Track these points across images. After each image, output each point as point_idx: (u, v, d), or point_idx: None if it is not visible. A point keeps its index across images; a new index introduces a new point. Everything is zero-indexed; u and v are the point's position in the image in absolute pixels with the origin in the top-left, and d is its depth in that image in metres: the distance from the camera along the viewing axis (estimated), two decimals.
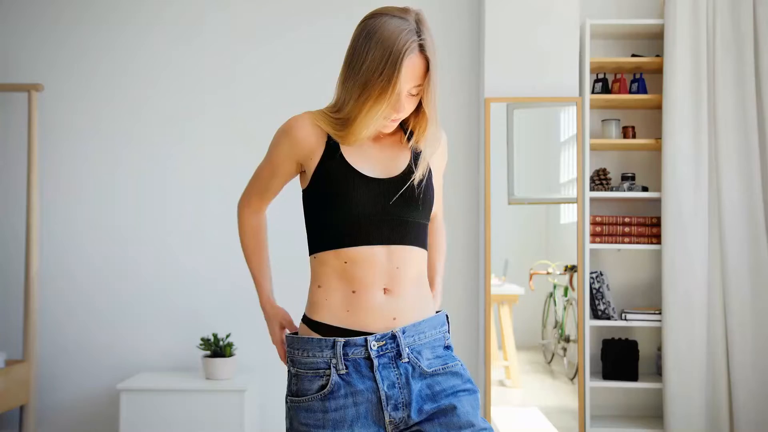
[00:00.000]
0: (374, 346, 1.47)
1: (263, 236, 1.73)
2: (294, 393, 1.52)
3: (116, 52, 3.79)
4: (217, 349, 3.47)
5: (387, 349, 1.48)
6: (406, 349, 1.49)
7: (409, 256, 1.52)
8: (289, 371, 1.54)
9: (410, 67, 1.43)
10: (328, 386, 1.47)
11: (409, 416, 1.48)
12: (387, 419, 1.48)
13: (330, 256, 1.51)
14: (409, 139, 1.59)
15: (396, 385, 1.48)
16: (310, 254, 1.57)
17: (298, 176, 1.63)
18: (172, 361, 3.71)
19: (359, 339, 1.47)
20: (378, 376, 1.47)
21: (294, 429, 1.52)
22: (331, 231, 1.50)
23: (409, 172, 1.54)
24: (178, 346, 3.71)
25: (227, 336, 3.50)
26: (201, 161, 3.73)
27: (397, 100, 1.46)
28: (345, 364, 1.47)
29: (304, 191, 1.57)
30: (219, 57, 3.77)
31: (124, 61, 3.78)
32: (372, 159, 1.54)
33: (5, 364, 3.44)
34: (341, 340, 1.47)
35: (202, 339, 3.47)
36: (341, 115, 1.49)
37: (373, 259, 1.48)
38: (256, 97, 3.73)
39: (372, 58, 1.42)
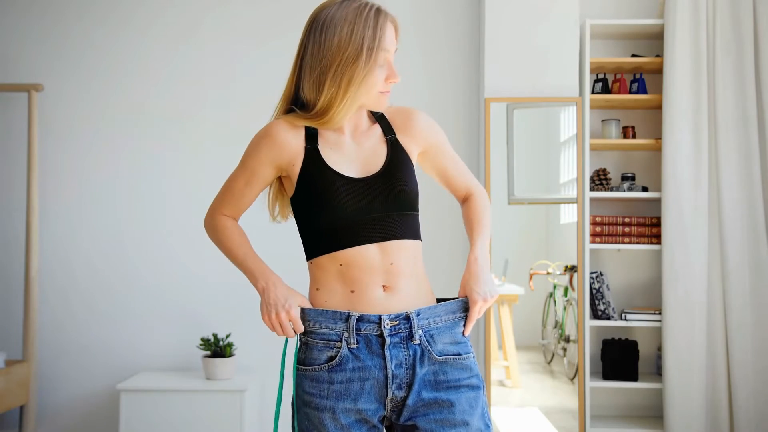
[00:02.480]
0: (387, 324, 1.48)
1: (245, 236, 1.63)
2: (301, 361, 1.53)
3: (116, 52, 3.79)
4: (217, 349, 3.47)
5: (400, 329, 1.49)
6: (419, 330, 1.50)
7: (402, 249, 1.53)
8: (299, 339, 1.55)
9: (382, 34, 1.49)
10: (337, 358, 1.49)
11: (407, 397, 1.49)
12: (389, 396, 1.49)
13: (325, 260, 1.52)
14: (385, 132, 1.60)
15: (403, 365, 1.49)
16: (307, 260, 1.58)
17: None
18: (172, 361, 3.71)
19: (373, 316, 1.48)
20: (388, 355, 1.48)
21: (299, 397, 1.53)
22: (323, 235, 1.52)
23: (388, 166, 1.55)
24: (178, 346, 3.71)
25: (227, 336, 3.50)
26: (201, 161, 3.73)
27: (376, 72, 1.49)
28: (357, 339, 1.48)
29: (291, 199, 1.58)
30: (219, 57, 3.77)
31: (124, 61, 3.78)
32: (351, 159, 1.55)
33: (5, 364, 3.44)
34: (355, 314, 1.48)
35: (202, 339, 3.47)
36: (319, 106, 1.50)
37: (367, 258, 1.50)
38: (256, 97, 3.73)
39: (338, 42, 1.47)
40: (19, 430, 3.57)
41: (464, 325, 1.56)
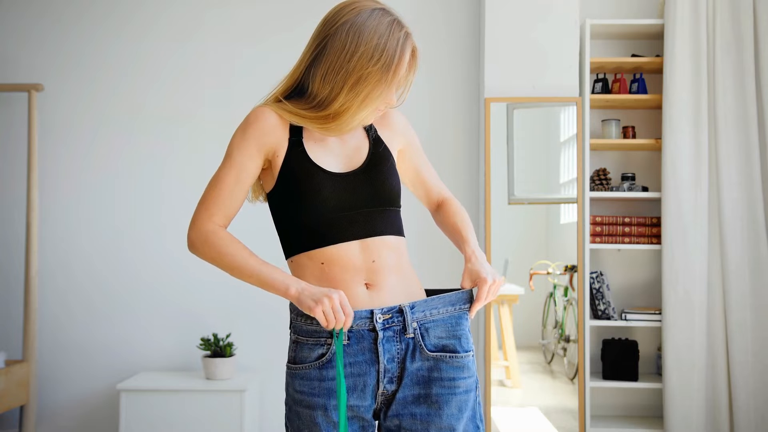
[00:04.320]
0: (380, 318, 1.46)
1: (245, 245, 1.50)
2: (292, 360, 1.51)
3: (116, 52, 3.79)
4: (217, 349, 3.47)
5: (393, 322, 1.47)
6: (414, 324, 1.48)
7: (384, 245, 1.51)
8: (290, 338, 1.54)
9: (406, 58, 1.48)
10: (327, 355, 1.46)
11: (397, 390, 1.48)
12: (380, 390, 1.48)
13: (305, 259, 1.50)
14: (367, 129, 1.60)
15: (395, 359, 1.48)
16: (285, 258, 1.55)
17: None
18: (172, 361, 3.71)
19: (365, 311, 1.46)
20: (380, 349, 1.46)
21: (290, 396, 1.51)
22: (303, 232, 1.49)
23: (370, 161, 1.54)
24: (178, 346, 3.71)
25: (227, 336, 3.50)
26: (201, 161, 3.73)
27: (391, 92, 1.48)
28: (348, 335, 1.46)
29: (269, 194, 1.54)
30: (218, 56, 3.78)
31: (124, 61, 3.78)
32: (334, 153, 1.54)
33: (5, 364, 3.44)
34: None
35: (202, 339, 3.47)
36: (329, 111, 1.48)
37: (348, 256, 1.48)
38: (255, 97, 3.72)
39: (364, 51, 1.44)
40: (19, 430, 3.57)
41: (470, 309, 1.53)
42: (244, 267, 1.45)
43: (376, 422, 1.54)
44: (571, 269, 3.50)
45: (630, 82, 3.62)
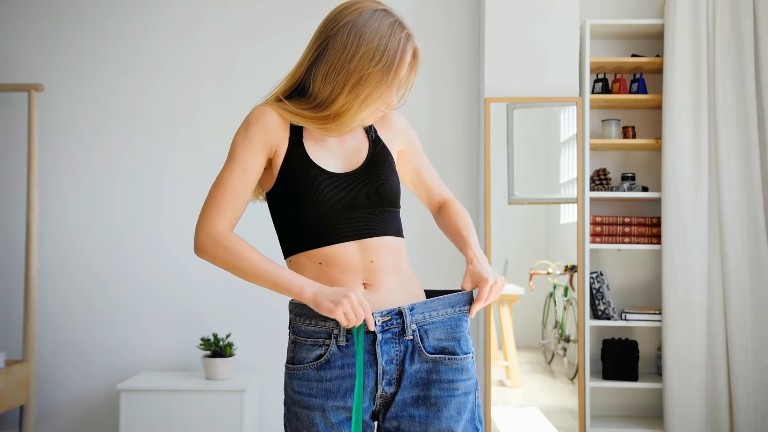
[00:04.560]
0: (379, 321, 1.46)
1: (252, 246, 1.48)
2: (290, 360, 1.51)
3: (116, 52, 3.79)
4: (217, 349, 3.47)
5: (392, 324, 1.47)
6: (413, 326, 1.48)
7: (382, 246, 1.50)
8: (289, 338, 1.53)
9: (407, 59, 1.48)
10: (326, 356, 1.46)
11: (396, 393, 1.48)
12: (378, 392, 1.48)
13: (304, 258, 1.50)
14: (367, 129, 1.59)
15: (394, 361, 1.47)
16: (284, 257, 1.55)
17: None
18: (172, 361, 3.71)
19: None
20: (379, 351, 1.46)
21: (288, 396, 1.51)
22: (302, 232, 1.49)
23: (369, 162, 1.54)
24: (178, 346, 3.71)
25: (227, 336, 3.50)
26: (201, 161, 3.73)
27: (391, 93, 1.48)
28: (346, 336, 1.46)
29: (269, 193, 1.54)
30: (218, 56, 3.78)
31: (124, 61, 3.78)
32: (334, 153, 1.53)
33: (5, 364, 3.44)
34: None
35: (202, 339, 3.47)
36: (330, 111, 1.48)
37: (346, 256, 1.47)
38: (255, 97, 3.72)
39: (365, 52, 1.44)
40: (19, 430, 3.57)
41: (470, 309, 1.52)
42: (256, 270, 1.44)
43: (375, 423, 1.53)
44: (571, 269, 3.50)
45: (630, 82, 3.62)
